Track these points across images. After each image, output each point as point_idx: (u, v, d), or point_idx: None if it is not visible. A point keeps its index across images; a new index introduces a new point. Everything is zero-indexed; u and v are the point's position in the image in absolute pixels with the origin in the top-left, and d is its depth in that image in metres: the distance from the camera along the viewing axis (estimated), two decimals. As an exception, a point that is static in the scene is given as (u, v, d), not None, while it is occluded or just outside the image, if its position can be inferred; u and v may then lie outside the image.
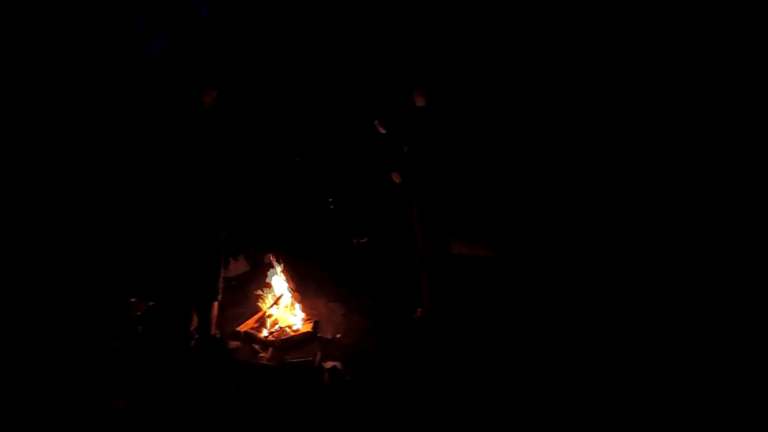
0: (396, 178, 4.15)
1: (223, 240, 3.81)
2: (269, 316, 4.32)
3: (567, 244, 5.26)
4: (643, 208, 5.21)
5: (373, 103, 4.27)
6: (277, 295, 4.41)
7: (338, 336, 4.12)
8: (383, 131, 4.09)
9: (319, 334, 4.13)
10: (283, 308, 4.38)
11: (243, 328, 4.17)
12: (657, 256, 4.76)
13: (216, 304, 3.85)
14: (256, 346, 3.97)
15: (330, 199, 6.00)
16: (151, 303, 4.18)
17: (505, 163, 5.79)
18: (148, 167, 4.47)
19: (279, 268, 4.53)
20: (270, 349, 3.94)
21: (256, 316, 4.32)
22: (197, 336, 3.85)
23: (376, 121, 4.09)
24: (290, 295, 4.46)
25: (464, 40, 5.99)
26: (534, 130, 5.78)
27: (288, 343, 4.02)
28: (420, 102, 3.98)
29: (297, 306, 4.44)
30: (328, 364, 3.66)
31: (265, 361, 3.80)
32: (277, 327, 4.23)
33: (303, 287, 4.69)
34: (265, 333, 4.14)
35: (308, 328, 4.19)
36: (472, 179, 5.40)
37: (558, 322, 4.10)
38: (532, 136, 5.77)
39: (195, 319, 3.85)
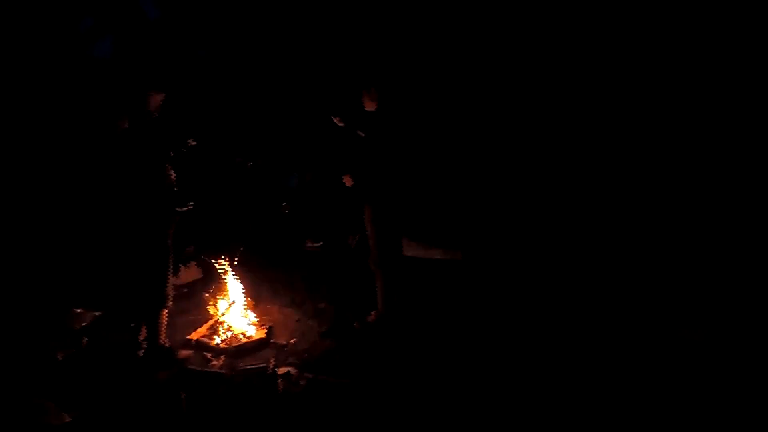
0: (348, 181, 4.15)
1: (170, 245, 3.71)
2: (222, 323, 4.24)
3: (519, 244, 5.39)
4: (598, 205, 5.33)
5: (325, 107, 4.25)
6: (230, 301, 4.34)
7: (292, 341, 4.09)
8: (342, 125, 4.08)
9: (273, 340, 4.09)
10: (236, 315, 4.32)
11: (194, 336, 4.08)
12: (614, 254, 4.91)
13: (165, 311, 3.75)
14: (208, 354, 3.89)
15: (283, 203, 5.96)
16: (96, 313, 4.05)
17: (458, 165, 5.88)
18: (92, 171, 4.33)
19: (232, 274, 4.46)
20: (222, 357, 3.87)
21: (208, 324, 4.24)
22: (146, 346, 3.75)
23: (336, 118, 4.07)
24: (243, 301, 4.40)
25: (416, 43, 6.05)
26: (484, 132, 5.88)
27: (241, 349, 3.96)
28: (370, 106, 4.00)
29: (250, 312, 4.38)
30: (282, 370, 3.63)
31: (217, 369, 3.73)
32: (229, 334, 4.16)
33: (257, 293, 4.65)
34: (217, 340, 4.06)
35: (262, 334, 4.14)
36: (425, 181, 5.47)
37: (512, 322, 4.20)
38: (482, 139, 5.88)
39: (143, 329, 3.75)
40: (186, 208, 3.69)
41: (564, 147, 5.62)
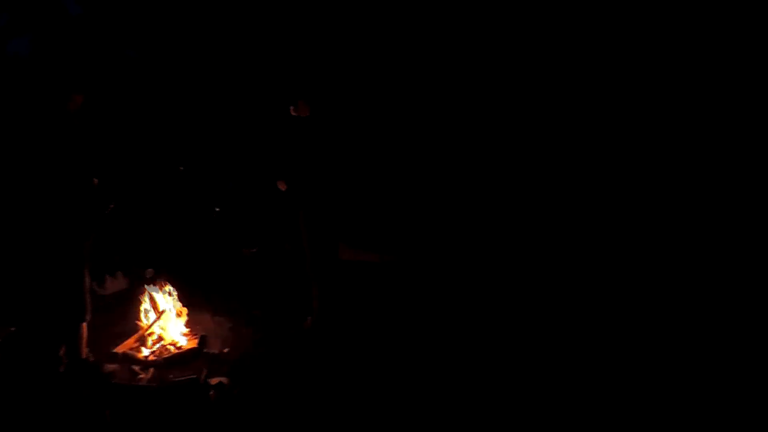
0: (281, 186, 4.11)
1: (87, 253, 3.52)
2: (150, 334, 4.09)
3: (453, 246, 5.51)
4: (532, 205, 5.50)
5: (258, 111, 4.20)
6: (159, 311, 4.19)
7: (226, 350, 3.99)
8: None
9: (205, 350, 3.98)
10: (165, 325, 4.17)
11: (121, 348, 3.91)
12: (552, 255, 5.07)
13: (85, 324, 3.57)
14: (136, 368, 3.74)
15: (217, 209, 5.81)
16: (11, 328, 3.80)
17: (390, 169, 5.94)
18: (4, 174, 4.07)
19: (161, 283, 4.31)
20: (151, 369, 3.73)
21: (136, 335, 4.07)
22: (67, 361, 3.56)
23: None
24: (174, 310, 4.26)
25: (346, 48, 6.08)
26: (417, 135, 5.98)
27: (171, 361, 3.83)
28: (303, 111, 3.98)
29: (181, 321, 4.25)
30: (215, 380, 3.54)
31: (145, 383, 3.59)
32: (159, 345, 4.01)
33: (189, 301, 4.51)
34: (145, 352, 3.91)
35: (194, 343, 4.02)
36: (360, 185, 5.49)
37: (447, 324, 4.27)
38: (415, 142, 5.97)
39: (63, 343, 3.55)
40: (107, 211, 3.53)
41: (497, 146, 5.79)
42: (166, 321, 4.19)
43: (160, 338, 4.09)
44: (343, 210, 4.39)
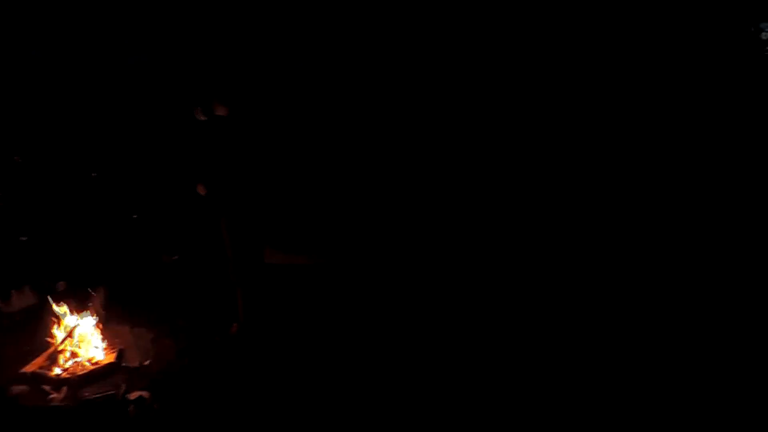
0: (201, 190, 3.99)
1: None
2: (63, 350, 3.85)
3: (385, 246, 5.55)
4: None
5: (174, 111, 4.05)
6: (72, 325, 3.96)
7: (146, 363, 3.83)
8: (203, 118, 3.89)
9: (124, 364, 3.80)
10: (79, 340, 3.95)
11: (30, 368, 3.66)
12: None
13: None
14: (47, 387, 3.52)
15: (134, 216, 5.56)
16: None
17: (319, 169, 5.91)
18: None
19: (74, 295, 4.08)
20: (64, 388, 3.52)
21: (47, 353, 3.83)
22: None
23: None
24: (90, 323, 4.04)
25: (270, 47, 5.99)
26: (347, 134, 5.99)
27: (86, 378, 3.62)
28: (221, 111, 3.88)
29: (98, 335, 4.03)
30: (134, 395, 3.38)
31: (57, 402, 3.38)
32: (72, 362, 3.79)
33: (105, 314, 4.28)
34: (57, 370, 3.68)
35: (111, 358, 3.83)
36: (286, 187, 5.42)
37: (382, 327, 4.28)
38: (343, 143, 5.97)
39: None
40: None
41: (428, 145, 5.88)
42: (80, 336, 3.96)
43: (74, 354, 3.87)
44: (269, 212, 4.32)
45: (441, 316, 4.31)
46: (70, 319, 3.99)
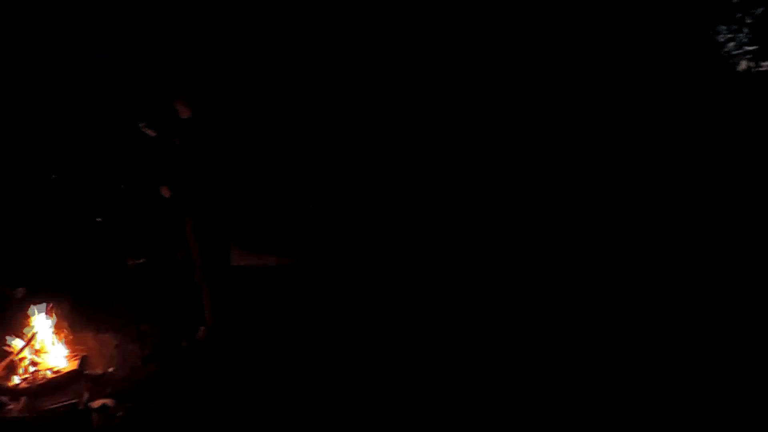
0: (165, 192, 3.91)
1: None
2: (22, 359, 3.73)
3: (353, 247, 5.53)
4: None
5: (136, 112, 3.95)
6: (31, 333, 3.83)
7: (110, 369, 3.74)
8: (152, 134, 3.81)
9: (86, 371, 3.70)
10: (40, 348, 3.82)
11: (-14, 379, 3.54)
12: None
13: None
14: (4, 398, 3.40)
15: (99, 219, 5.39)
16: None
17: (286, 169, 5.86)
18: None
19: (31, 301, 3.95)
20: (23, 398, 3.40)
21: (4, 362, 3.69)
22: None
23: (141, 124, 3.79)
24: (50, 330, 3.92)
25: (240, 47, 5.91)
26: (313, 134, 5.95)
27: (47, 386, 3.51)
28: (184, 112, 3.80)
29: (59, 342, 3.91)
30: (97, 403, 3.29)
31: (15, 413, 3.27)
32: (32, 371, 3.67)
33: (69, 319, 4.16)
34: (16, 380, 3.56)
35: (74, 365, 3.72)
36: (253, 187, 5.37)
37: (352, 328, 4.25)
38: (311, 141, 5.94)
39: None
40: None
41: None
42: (40, 343, 3.84)
43: (34, 363, 3.75)
44: (236, 213, 4.26)
45: (415, 317, 4.31)
46: (30, 327, 3.87)
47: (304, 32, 6.09)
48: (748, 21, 9.06)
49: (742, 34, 9.11)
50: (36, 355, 3.79)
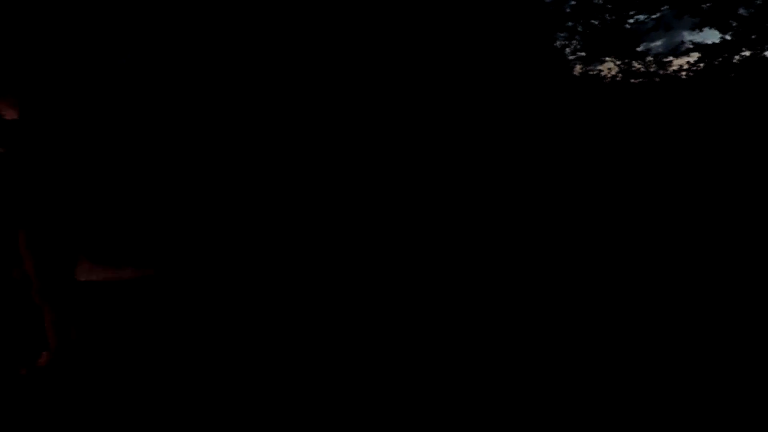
0: (-10, 203, 3.45)
1: None
2: None
3: (224, 252, 5.29)
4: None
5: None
6: None
7: (-73, 411, 3.22)
8: None
9: None
10: None
11: None
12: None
13: None
14: None
15: None
16: None
17: (140, 173, 5.46)
18: None
19: None
20: None
21: None
22: None
23: None
24: None
25: (83, 45, 5.39)
26: (171, 136, 5.61)
27: None
28: (10, 114, 3.38)
29: None
30: None
31: None
32: None
33: None
34: None
35: None
36: (102, 194, 4.93)
37: (226, 342, 4.07)
38: (170, 144, 5.59)
39: None
40: None
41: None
42: None
43: None
44: (86, 223, 3.88)
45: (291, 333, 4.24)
46: None
47: (159, 26, 5.71)
48: (580, 29, 10.19)
49: (575, 41, 10.23)
50: None
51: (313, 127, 5.86)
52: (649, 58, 10.67)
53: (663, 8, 10.15)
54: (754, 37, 9.16)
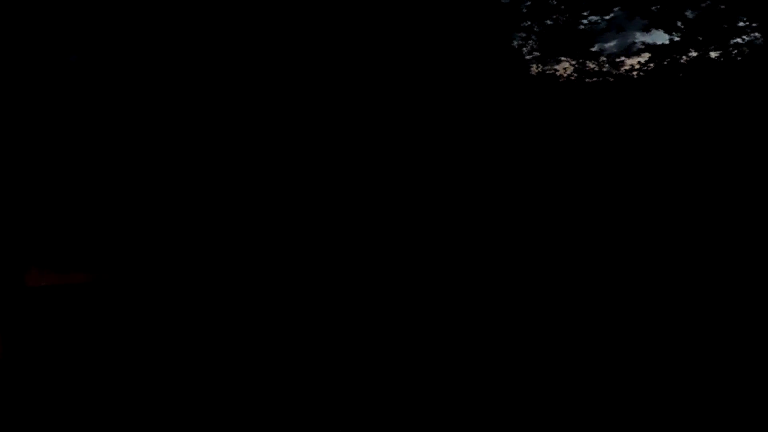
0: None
1: None
2: None
3: (182, 253, 5.16)
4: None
5: None
6: None
7: None
8: None
9: None
10: None
11: None
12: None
13: None
14: None
15: None
16: None
17: (88, 171, 5.28)
18: None
19: None
20: None
21: None
22: None
23: None
24: None
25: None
26: (123, 137, 5.44)
27: None
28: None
29: None
30: None
31: None
32: None
33: None
34: None
35: None
36: (48, 195, 4.75)
37: (186, 349, 3.97)
38: (123, 146, 5.42)
39: None
40: None
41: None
42: None
43: None
44: (30, 226, 3.74)
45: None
46: None
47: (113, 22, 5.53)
48: (537, 29, 10.40)
49: (531, 41, 10.44)
50: None
51: (278, 129, 5.79)
52: (603, 58, 10.99)
53: (615, 9, 10.46)
54: (700, 38, 9.53)
